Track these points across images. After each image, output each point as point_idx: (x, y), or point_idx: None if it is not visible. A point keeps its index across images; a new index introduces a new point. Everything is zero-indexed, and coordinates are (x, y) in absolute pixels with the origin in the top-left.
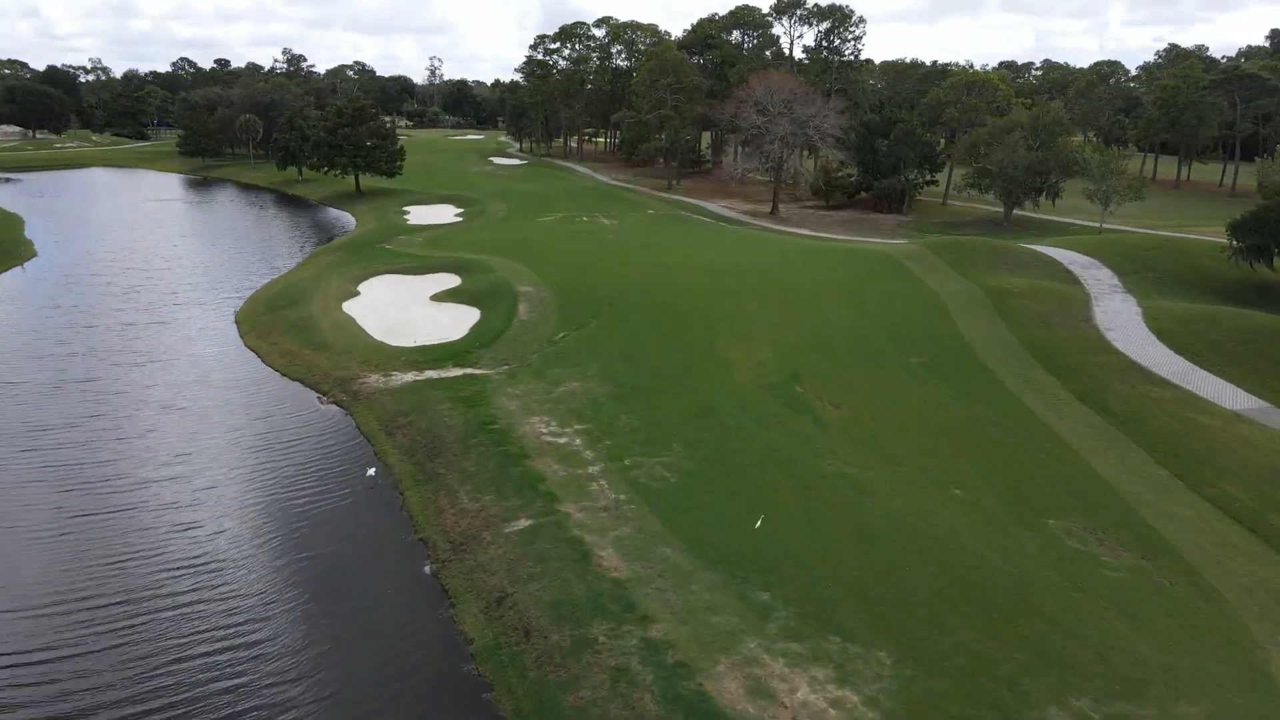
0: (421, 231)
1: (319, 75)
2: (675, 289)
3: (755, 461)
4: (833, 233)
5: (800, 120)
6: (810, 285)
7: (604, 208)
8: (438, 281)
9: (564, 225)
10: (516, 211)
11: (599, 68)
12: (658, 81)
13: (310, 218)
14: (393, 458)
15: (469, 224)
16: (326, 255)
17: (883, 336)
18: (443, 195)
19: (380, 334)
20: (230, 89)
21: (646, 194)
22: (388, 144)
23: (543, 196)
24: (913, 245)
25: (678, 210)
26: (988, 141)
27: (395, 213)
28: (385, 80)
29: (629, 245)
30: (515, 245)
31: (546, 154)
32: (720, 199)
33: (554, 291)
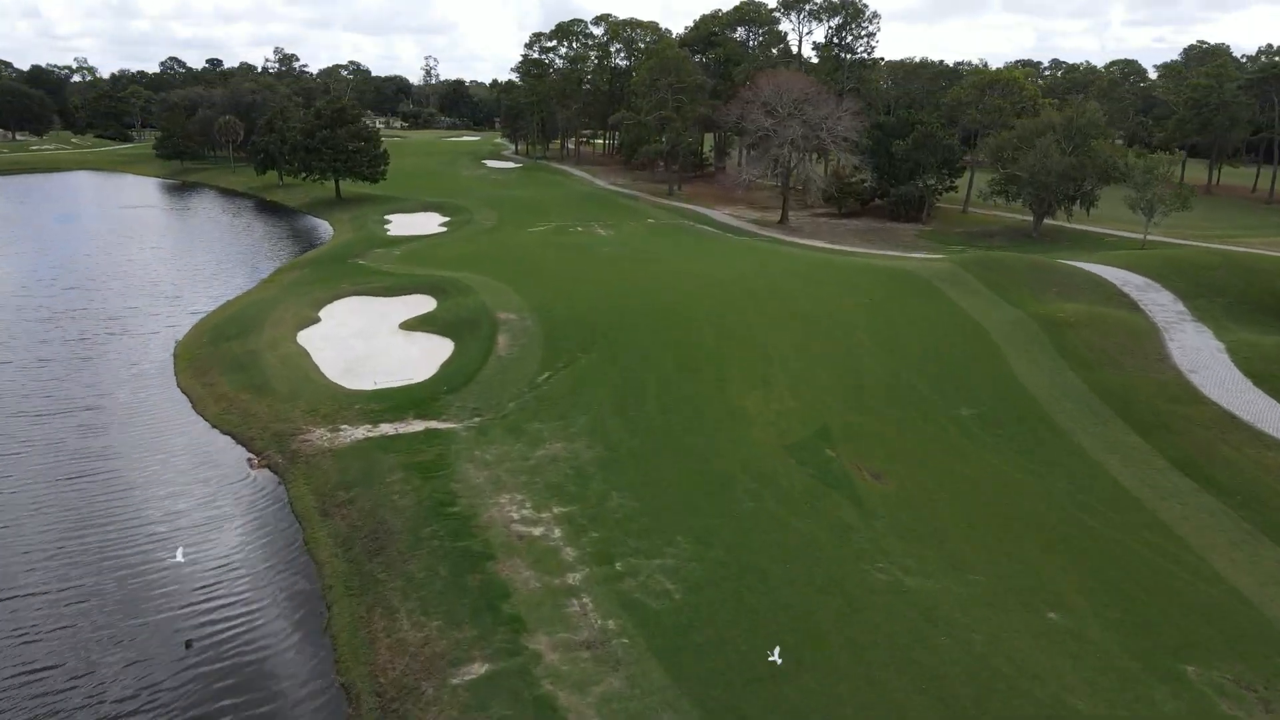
0: (401, 244)
1: (311, 75)
2: (678, 315)
3: (782, 565)
4: (848, 244)
5: (812, 122)
6: (832, 311)
7: (600, 216)
8: (410, 305)
9: (556, 237)
10: (506, 220)
11: (597, 67)
12: (658, 81)
13: (286, 226)
14: (325, 551)
15: (453, 235)
16: (293, 272)
17: (923, 379)
18: (429, 202)
19: (335, 372)
20: (213, 89)
21: (646, 200)
22: (370, 147)
23: (536, 203)
24: (942, 262)
25: (680, 219)
26: (1016, 145)
27: (375, 222)
28: (381, 80)
29: (626, 261)
30: (501, 261)
31: (543, 157)
32: (725, 206)
33: (540, 319)
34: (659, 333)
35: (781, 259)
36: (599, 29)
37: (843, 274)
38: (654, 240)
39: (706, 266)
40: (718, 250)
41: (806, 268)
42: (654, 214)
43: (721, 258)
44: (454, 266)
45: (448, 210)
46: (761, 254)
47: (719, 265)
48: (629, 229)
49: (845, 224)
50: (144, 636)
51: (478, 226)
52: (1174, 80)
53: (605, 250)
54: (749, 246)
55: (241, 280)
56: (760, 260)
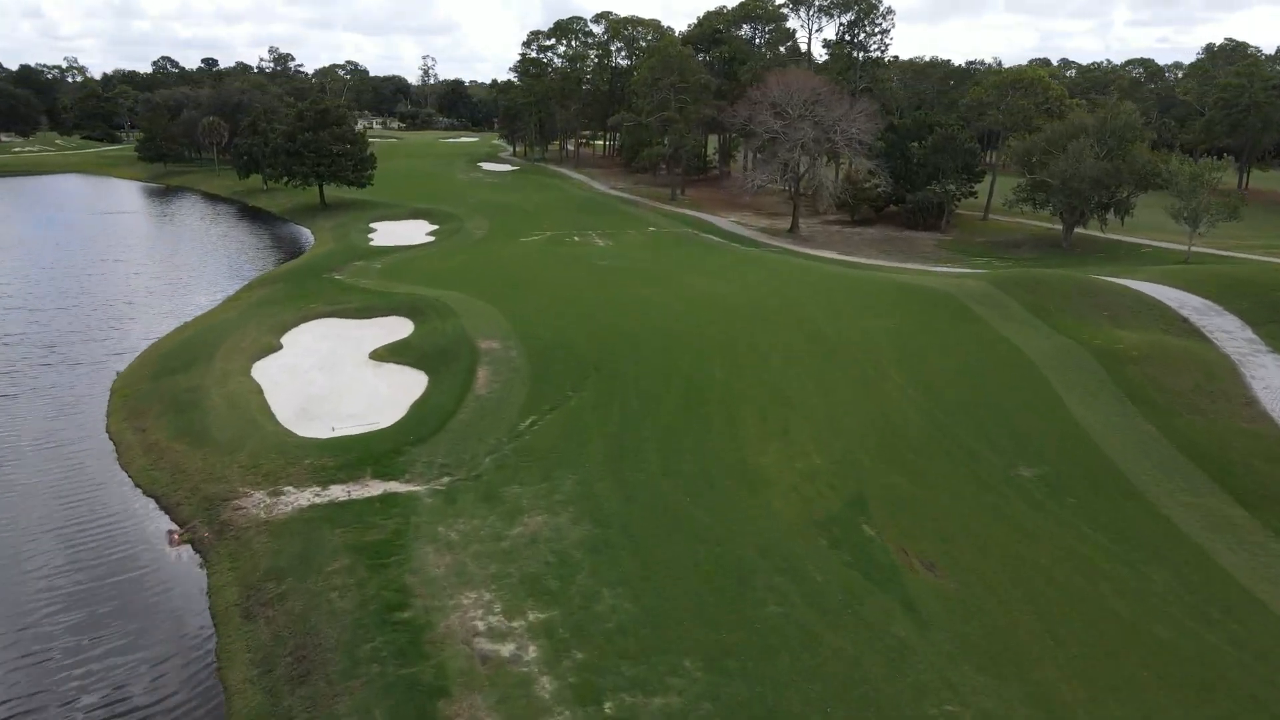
0: (383, 256)
1: (306, 75)
2: (683, 343)
3: (821, 710)
4: (865, 255)
5: (824, 124)
6: (856, 339)
7: (598, 224)
8: (383, 330)
9: (550, 248)
10: (498, 229)
11: (597, 66)
12: (660, 80)
13: (266, 235)
14: (238, 673)
15: (440, 246)
16: (263, 288)
17: (969, 426)
18: (418, 209)
19: (289, 414)
20: (200, 89)
21: (648, 206)
22: (355, 150)
23: (531, 210)
24: (974, 280)
25: (683, 226)
26: (1045, 149)
27: (359, 230)
28: (379, 80)
29: (625, 276)
30: (488, 277)
31: (541, 159)
32: (731, 212)
33: (526, 348)
34: (661, 366)
35: (794, 273)
36: (599, 27)
37: (863, 292)
38: (656, 251)
39: (713, 282)
40: (724, 263)
41: (822, 284)
42: (656, 221)
43: (729, 272)
44: (437, 283)
45: (437, 217)
46: (772, 267)
47: (726, 281)
48: (629, 238)
49: (859, 233)
50: None
51: (467, 236)
52: (1199, 80)
53: (603, 263)
54: (758, 259)
55: (205, 298)
56: (771, 275)
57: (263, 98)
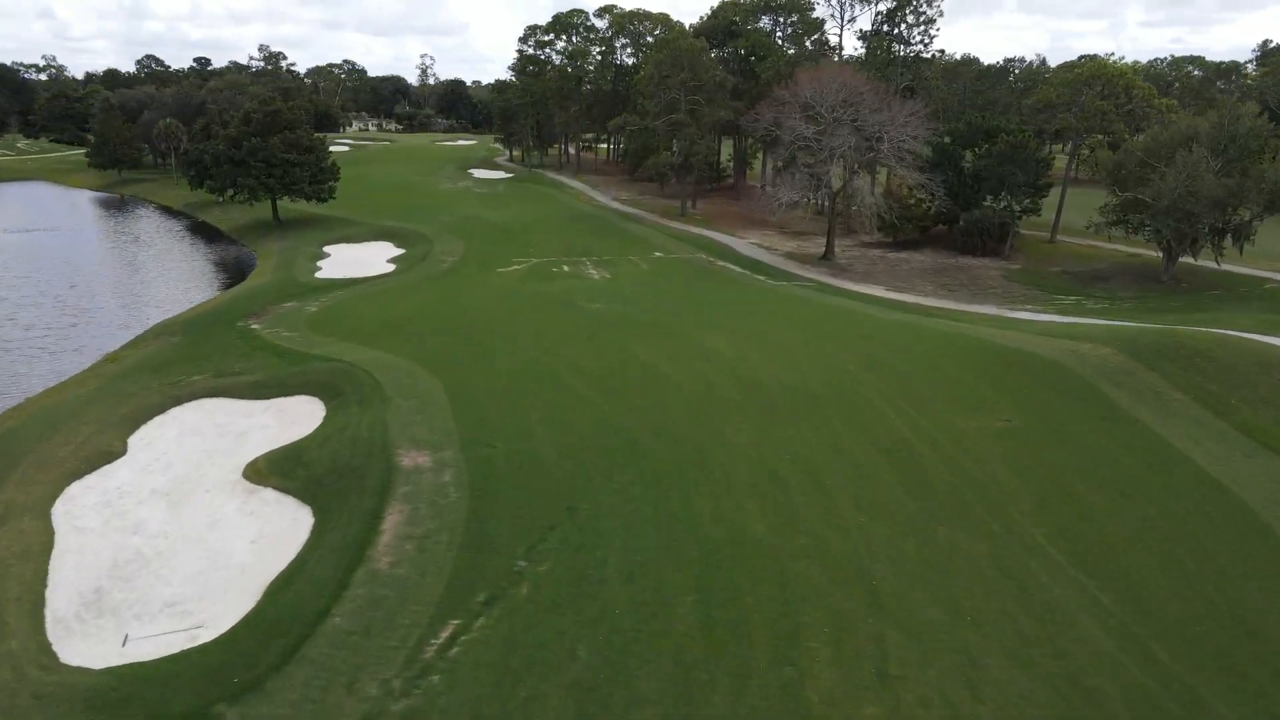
0: (323, 293)
1: (298, 74)
2: (702, 463)
3: None
4: (921, 292)
5: (868, 130)
6: (957, 455)
7: (595, 247)
8: (280, 421)
9: (532, 283)
10: (474, 255)
11: (600, 64)
12: (668, 78)
13: (202, 260)
14: None
15: (397, 281)
16: (153, 341)
17: (1203, 672)
18: (385, 228)
19: (68, 604)
20: (166, 88)
21: (653, 222)
22: (312, 159)
23: (517, 229)
24: (1096, 347)
25: (694, 250)
26: (1142, 160)
27: (308, 256)
28: (377, 80)
29: (622, 329)
30: (445, 329)
31: (539, 165)
32: (749, 230)
33: (469, 467)
34: (668, 509)
35: (840, 324)
36: (602, 22)
37: (941, 359)
38: (663, 288)
39: (737, 342)
40: (749, 306)
41: (882, 344)
42: (662, 243)
43: (756, 322)
44: (377, 338)
45: (404, 239)
46: (811, 314)
47: (754, 339)
48: (630, 268)
49: (906, 260)
50: None
51: (434, 265)
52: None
53: (595, 308)
54: (790, 298)
55: (71, 360)
56: (811, 328)
57: (234, 99)
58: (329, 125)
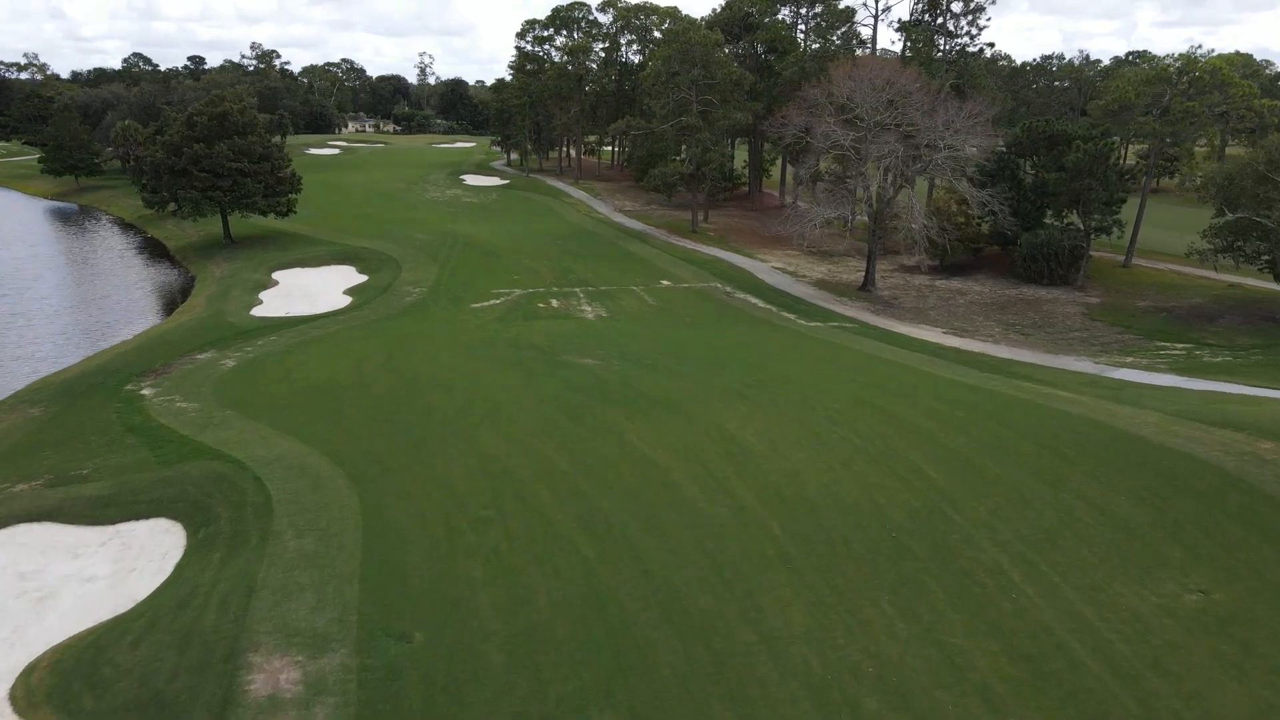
0: (251, 339)
1: (292, 74)
2: (725, 676)
3: None
4: (987, 335)
5: (921, 138)
6: (1140, 667)
7: (592, 273)
8: (117, 564)
9: (511, 324)
10: (448, 284)
11: (604, 61)
12: (677, 76)
13: (136, 286)
14: None
15: (347, 320)
16: (3, 418)
17: None
18: (349, 249)
19: None
20: (134, 87)
21: (660, 240)
22: (267, 168)
23: (503, 249)
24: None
25: (709, 278)
26: (1261, 176)
27: (251, 285)
28: (376, 81)
29: (617, 400)
30: (384, 401)
31: (538, 169)
32: (770, 249)
33: (360, 687)
34: None
35: (901, 390)
36: (606, 16)
37: (1056, 459)
38: (671, 333)
39: (770, 426)
40: (781, 362)
41: (966, 429)
42: (671, 267)
43: (792, 391)
44: (293, 414)
45: (369, 263)
46: (860, 374)
47: (793, 419)
48: (632, 303)
49: (959, 290)
50: None
51: (396, 299)
52: None
53: (584, 365)
54: (830, 348)
55: None
56: (865, 396)
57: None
58: (323, 127)
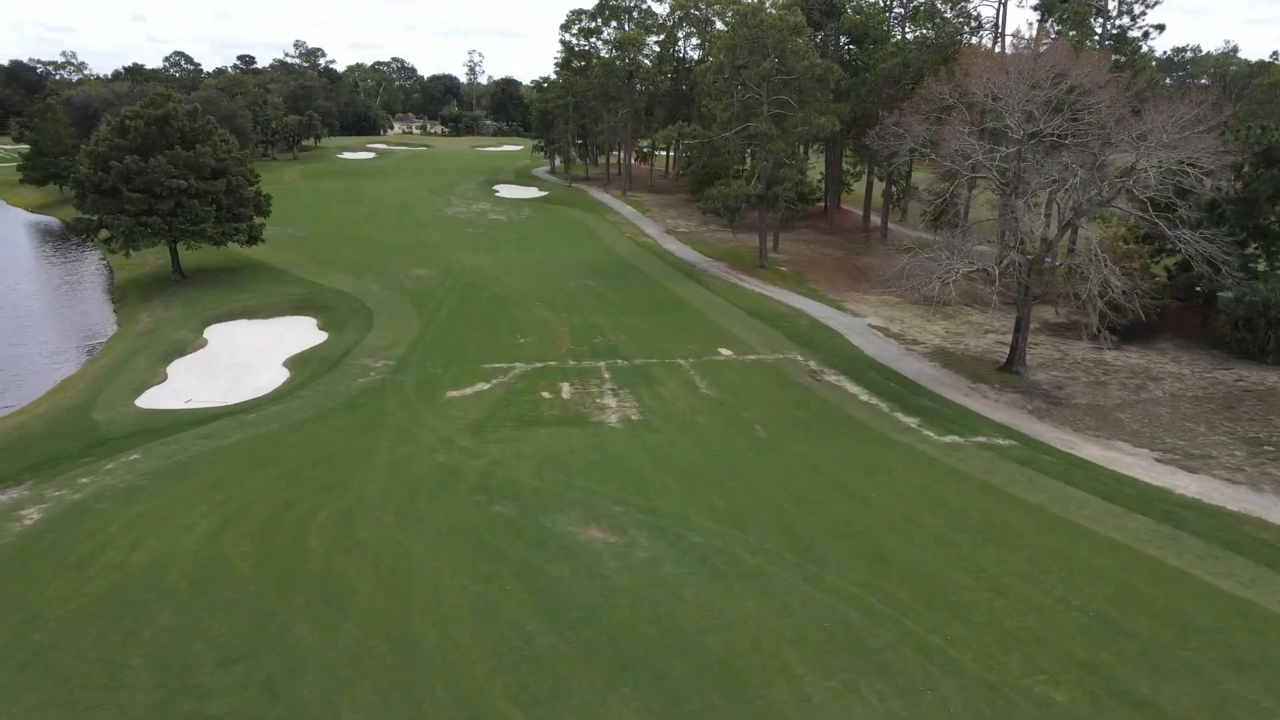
0: (93, 465)
1: (335, 73)
2: None
3: None
4: (1227, 466)
5: (1105, 154)
6: None
7: (624, 335)
8: None
9: (489, 438)
10: (423, 353)
11: (659, 57)
12: (744, 69)
13: (36, 341)
14: None
15: (260, 420)
16: None
17: None
18: (321, 291)
19: None
20: (141, 86)
21: (719, 278)
22: (221, 187)
23: (515, 293)
24: None
25: (786, 345)
26: None
27: (167, 348)
28: (428, 80)
29: (642, 654)
30: (216, 632)
31: (584, 178)
32: (857, 291)
33: None
34: None
35: (1151, 641)
36: (661, 5)
37: None
38: (738, 465)
39: None
40: (916, 545)
41: None
42: (735, 325)
43: (967, 641)
44: (45, 679)
45: (336, 314)
46: (1066, 583)
47: None
48: (677, 396)
49: (1147, 371)
50: None
51: (344, 380)
52: None
53: (589, 548)
54: (985, 495)
55: None
56: (1109, 669)
57: (219, 101)
58: (368, 128)
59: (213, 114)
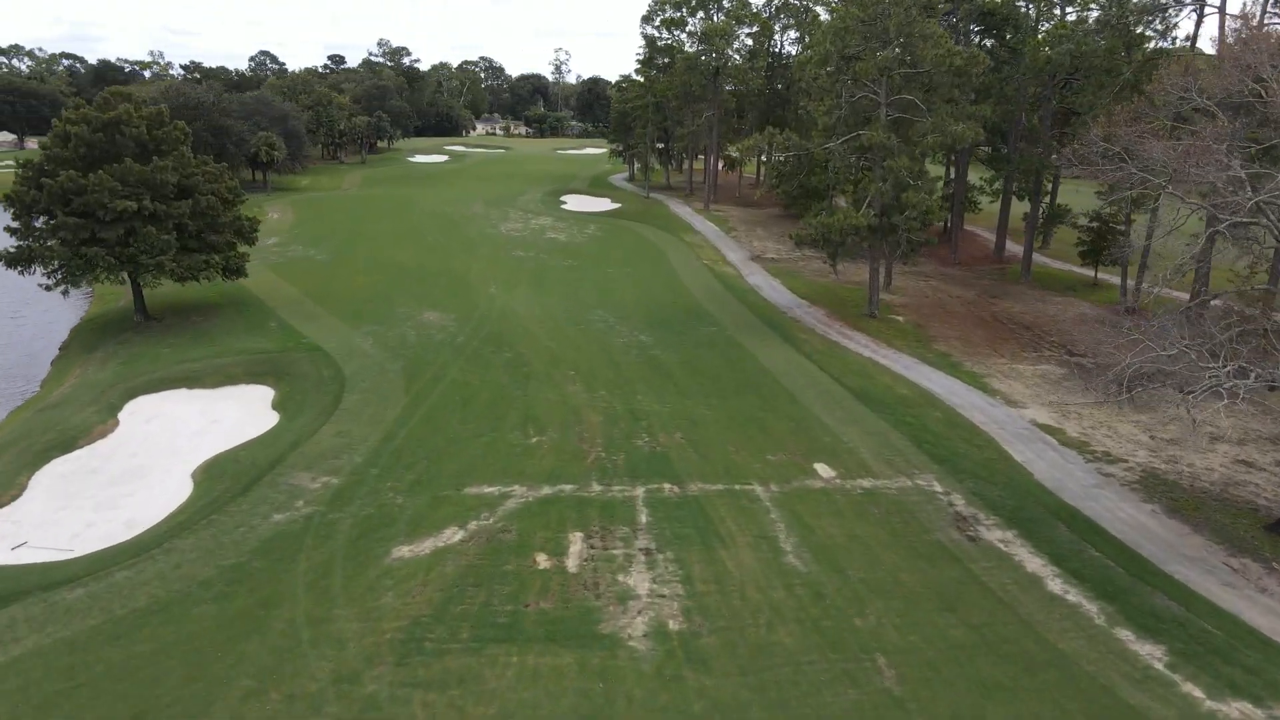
0: None
1: (419, 71)
2: None
3: None
4: None
5: None
6: None
7: (678, 432)
8: None
9: (415, 688)
10: (385, 466)
11: (751, 52)
12: (857, 61)
13: None
14: None
15: (80, 604)
16: None
17: None
18: (299, 346)
19: None
20: (196, 86)
21: (814, 330)
22: (187, 208)
23: (545, 354)
24: None
25: (915, 461)
26: None
27: (57, 436)
28: (516, 80)
29: None
30: None
31: (665, 186)
32: (1005, 356)
33: None
34: None
35: None
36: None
37: None
38: None
39: None
40: None
41: None
42: (837, 419)
43: None
44: None
45: (300, 385)
46: None
47: None
48: (749, 566)
49: None
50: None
51: (253, 518)
52: None
53: None
54: None
55: None
56: None
57: (265, 100)
58: (450, 129)
59: (264, 114)
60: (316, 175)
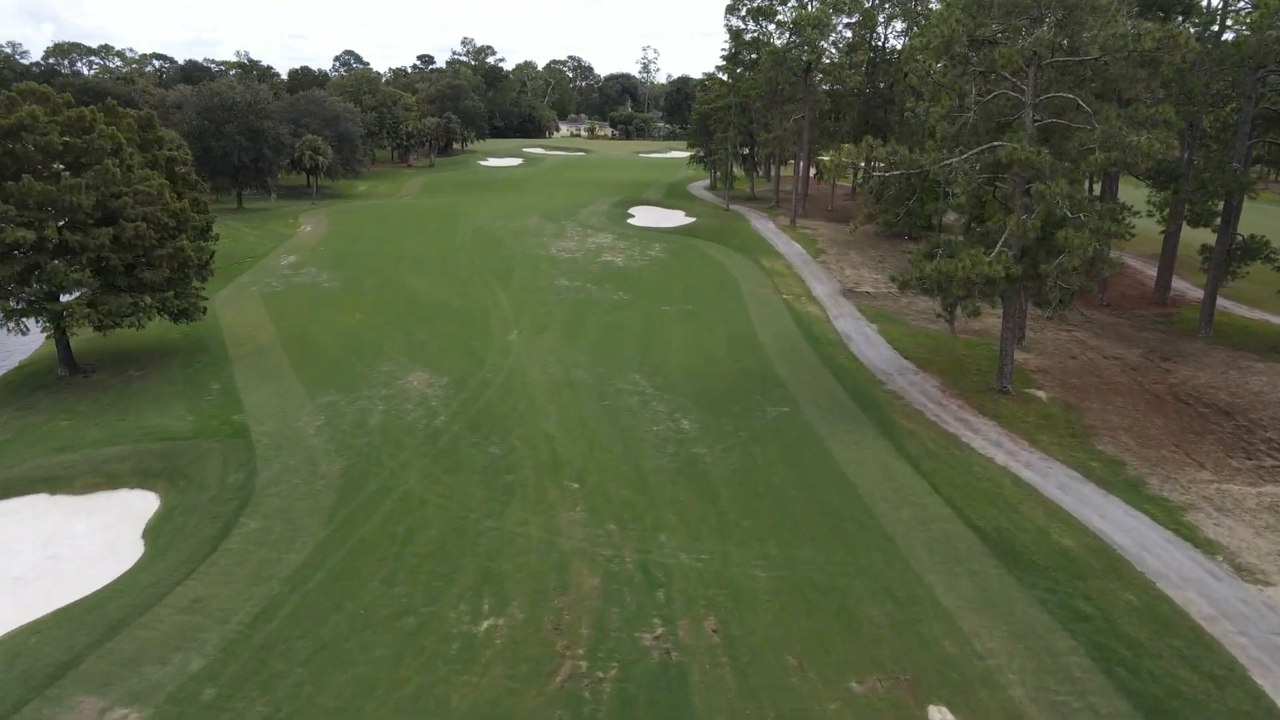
0: None
1: (503, 72)
2: None
3: None
4: None
5: None
6: None
7: (719, 640)
8: None
9: None
10: (241, 681)
11: (850, 45)
12: (994, 46)
13: None
14: None
15: None
16: None
17: None
18: (217, 432)
19: None
20: (234, 88)
21: (924, 419)
22: (107, 237)
23: (551, 454)
24: None
25: (1094, 700)
26: None
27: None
28: (605, 80)
29: None
30: None
31: (750, 196)
32: (1204, 468)
33: None
34: None
35: None
36: None
37: None
38: None
39: None
40: None
41: None
42: (965, 604)
43: None
44: None
45: (190, 500)
46: None
47: None
48: None
49: None
50: None
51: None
52: None
53: None
54: None
55: None
56: None
57: (315, 99)
58: (533, 130)
59: (314, 115)
60: (377, 180)
